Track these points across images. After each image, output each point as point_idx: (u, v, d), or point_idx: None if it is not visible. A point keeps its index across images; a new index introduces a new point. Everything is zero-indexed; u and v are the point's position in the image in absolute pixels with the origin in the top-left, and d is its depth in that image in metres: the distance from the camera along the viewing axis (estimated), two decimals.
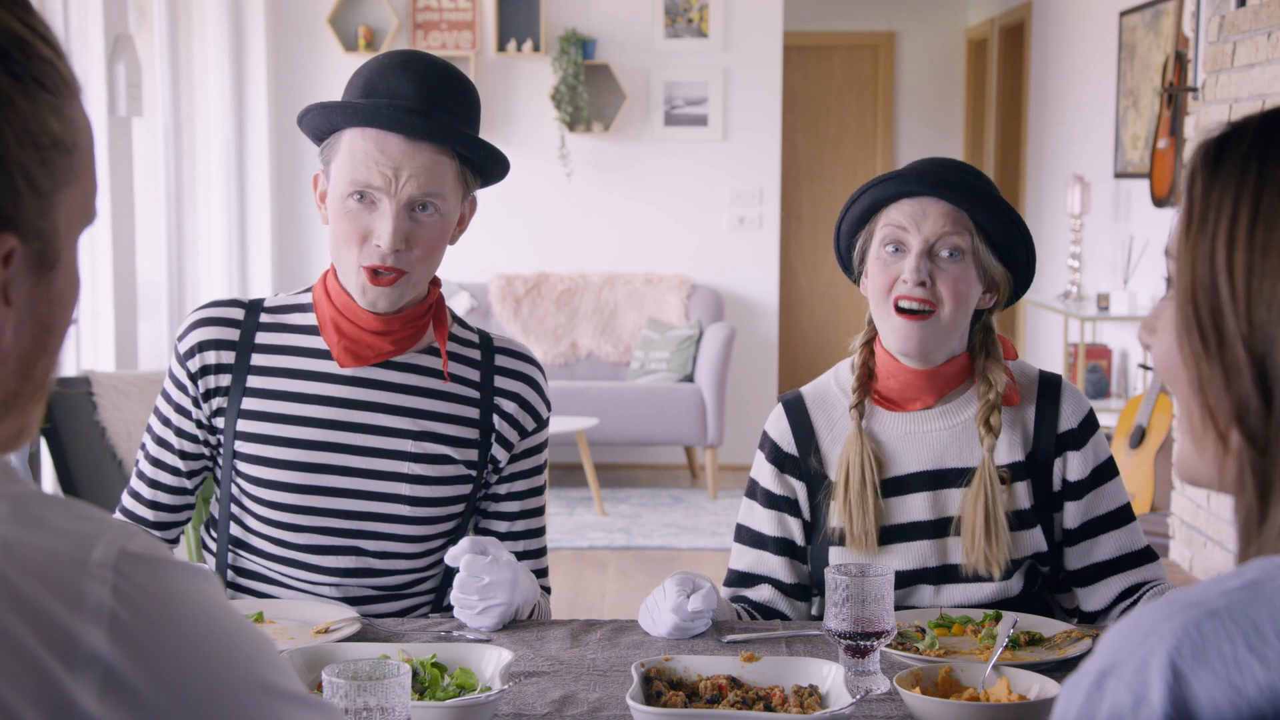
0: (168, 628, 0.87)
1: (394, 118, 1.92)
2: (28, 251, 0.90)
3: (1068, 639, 1.85)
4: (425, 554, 2.09)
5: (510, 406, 2.09)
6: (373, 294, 1.98)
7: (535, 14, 7.17)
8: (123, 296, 5.03)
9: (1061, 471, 2.06)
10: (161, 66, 5.91)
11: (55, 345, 0.95)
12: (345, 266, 1.99)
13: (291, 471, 2.03)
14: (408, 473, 2.04)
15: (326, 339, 2.04)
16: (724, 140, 7.35)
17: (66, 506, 0.89)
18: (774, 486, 2.11)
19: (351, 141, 1.95)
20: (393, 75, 1.96)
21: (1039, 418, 2.07)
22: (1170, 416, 5.05)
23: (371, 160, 1.93)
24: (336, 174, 1.97)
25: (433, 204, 1.96)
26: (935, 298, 2.01)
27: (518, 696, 1.68)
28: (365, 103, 1.94)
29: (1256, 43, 3.92)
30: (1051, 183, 7.71)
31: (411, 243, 1.95)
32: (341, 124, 1.96)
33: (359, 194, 1.94)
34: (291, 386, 2.05)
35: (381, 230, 1.93)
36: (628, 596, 5.23)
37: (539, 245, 7.37)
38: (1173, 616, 0.87)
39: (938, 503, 2.05)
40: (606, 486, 6.95)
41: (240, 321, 2.07)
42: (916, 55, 9.63)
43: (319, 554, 2.06)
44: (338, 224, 1.97)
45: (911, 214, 2.02)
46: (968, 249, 2.02)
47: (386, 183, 1.93)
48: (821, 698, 1.61)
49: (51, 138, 0.90)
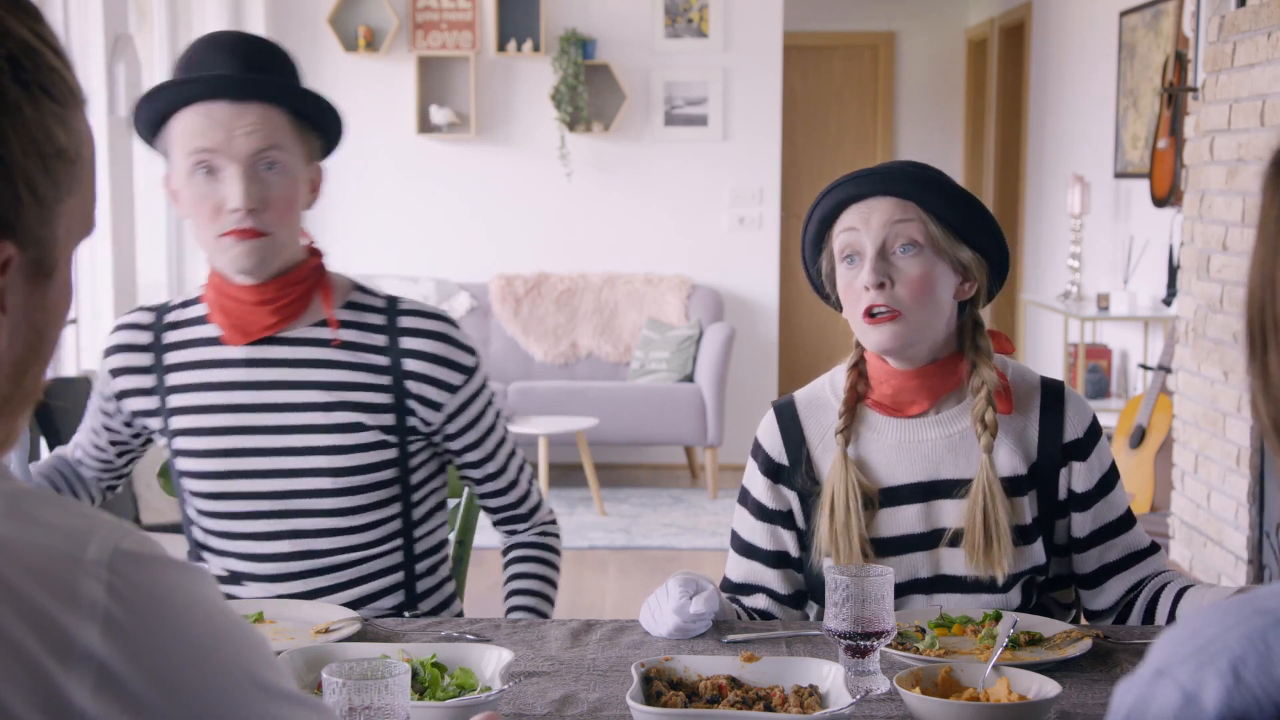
0: (162, 625, 0.87)
1: (215, 86, 1.96)
2: (25, 259, 0.90)
3: (1068, 639, 1.84)
4: (365, 528, 2.09)
5: (422, 366, 2.07)
6: (236, 254, 1.99)
7: (535, 14, 7.17)
8: (123, 297, 5.03)
9: (1067, 482, 2.02)
10: (161, 66, 5.91)
11: (47, 353, 0.95)
12: (207, 242, 2.02)
13: (215, 459, 2.07)
14: (322, 444, 2.05)
15: (214, 321, 2.09)
16: (724, 140, 7.35)
17: (61, 504, 0.89)
18: (767, 499, 2.08)
19: (182, 122, 1.98)
20: (206, 53, 2.00)
21: (1043, 427, 2.02)
22: (1170, 416, 5.05)
23: (203, 129, 1.96)
24: (176, 157, 2.01)
25: (275, 159, 1.98)
26: (897, 299, 1.95)
27: (518, 696, 1.68)
28: (185, 79, 1.98)
29: (1256, 43, 3.92)
30: (1051, 183, 7.71)
31: (264, 203, 1.98)
32: (167, 108, 1.99)
33: (203, 166, 1.97)
34: (199, 378, 2.10)
35: (231, 193, 1.97)
36: (628, 596, 5.23)
37: (539, 245, 7.37)
38: (1240, 623, 0.85)
39: (930, 514, 2.01)
40: (606, 486, 6.94)
41: (149, 325, 2.14)
42: (916, 55, 9.63)
43: (260, 540, 2.08)
44: (190, 204, 2.00)
45: (859, 217, 1.97)
46: (923, 239, 1.96)
47: (222, 145, 1.96)
48: (821, 698, 1.61)
49: (56, 147, 0.90)
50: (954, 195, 1.98)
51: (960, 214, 1.97)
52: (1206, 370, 4.30)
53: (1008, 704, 1.58)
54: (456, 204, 7.25)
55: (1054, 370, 7.26)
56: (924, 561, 2.02)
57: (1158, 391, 5.30)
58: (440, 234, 7.36)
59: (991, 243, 2.00)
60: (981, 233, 1.99)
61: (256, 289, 2.04)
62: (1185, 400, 4.51)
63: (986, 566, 1.97)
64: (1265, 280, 0.92)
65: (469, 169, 7.25)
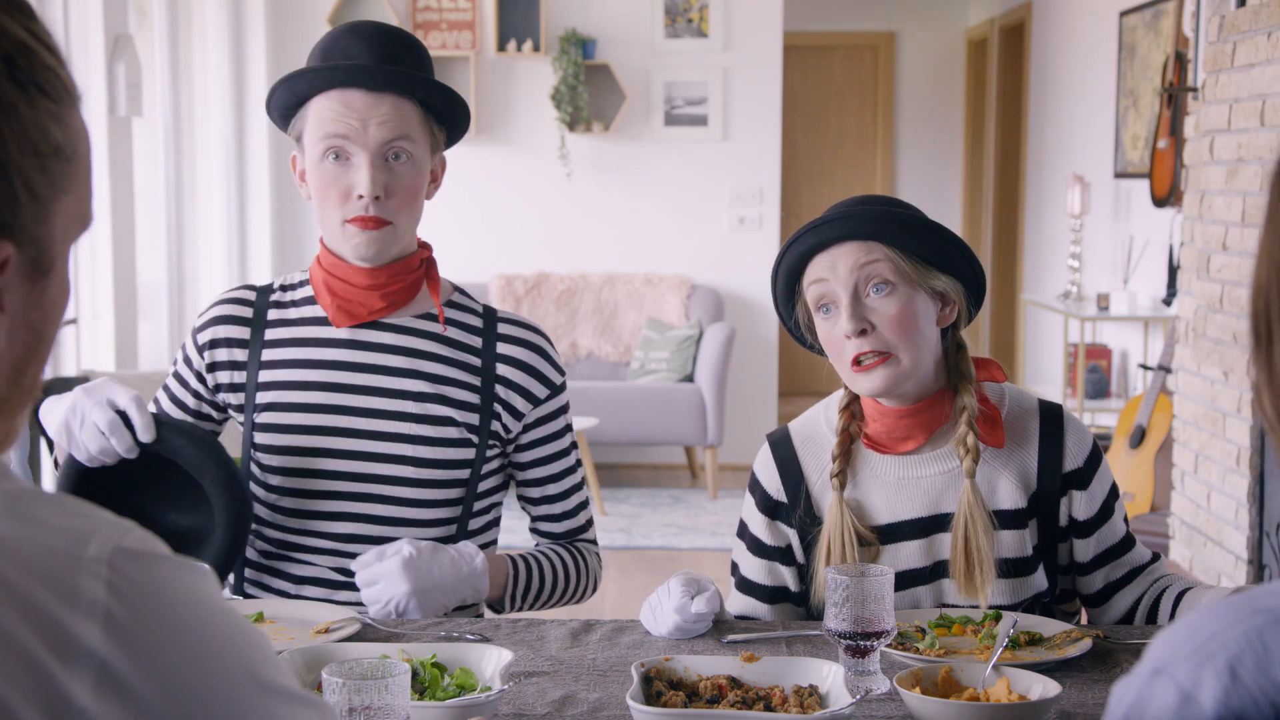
0: (162, 623, 0.87)
1: (353, 75, 2.02)
2: (23, 259, 0.90)
3: (1068, 639, 1.84)
4: (428, 523, 2.10)
5: (515, 374, 2.12)
6: (359, 241, 2.05)
7: (535, 14, 7.17)
8: (123, 296, 5.03)
9: (1068, 510, 2.01)
10: (161, 66, 5.91)
11: (45, 352, 0.95)
12: (331, 226, 2.07)
13: (301, 435, 2.10)
14: (410, 433, 2.08)
15: (321, 302, 2.12)
16: (724, 140, 7.35)
17: (61, 503, 0.89)
18: (765, 535, 2.06)
19: (317, 107, 2.05)
20: (345, 41, 2.06)
21: (1042, 457, 2.00)
22: (1170, 416, 5.05)
23: (338, 115, 2.03)
24: (309, 141, 2.07)
25: (404, 151, 2.04)
26: (883, 341, 1.92)
27: (518, 696, 1.68)
28: (324, 65, 2.04)
29: (1256, 43, 3.92)
30: (1051, 183, 7.71)
31: (390, 191, 2.04)
32: (305, 93, 2.06)
33: (334, 152, 2.03)
34: (297, 354, 2.13)
35: (359, 180, 2.02)
36: (628, 596, 5.23)
37: (539, 245, 7.37)
38: (1238, 622, 0.85)
39: (932, 549, 2.00)
40: (606, 486, 6.95)
41: (253, 302, 2.17)
42: (916, 55, 9.63)
43: (323, 520, 2.10)
44: (318, 188, 2.06)
45: (826, 266, 1.94)
46: (894, 276, 1.93)
47: (356, 133, 2.02)
48: (821, 698, 1.61)
49: (52, 145, 0.90)
50: (916, 225, 1.94)
51: (926, 243, 1.94)
52: (1206, 370, 4.30)
53: (1008, 704, 1.58)
54: (456, 204, 7.26)
55: (1054, 370, 7.27)
56: (927, 595, 2.01)
57: (1158, 391, 5.30)
58: (440, 233, 7.35)
59: (963, 264, 1.97)
60: (950, 257, 1.96)
61: (369, 272, 2.09)
62: (1185, 400, 4.51)
63: (969, 592, 1.95)
64: (1271, 274, 0.92)
65: (469, 169, 7.25)
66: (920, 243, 1.94)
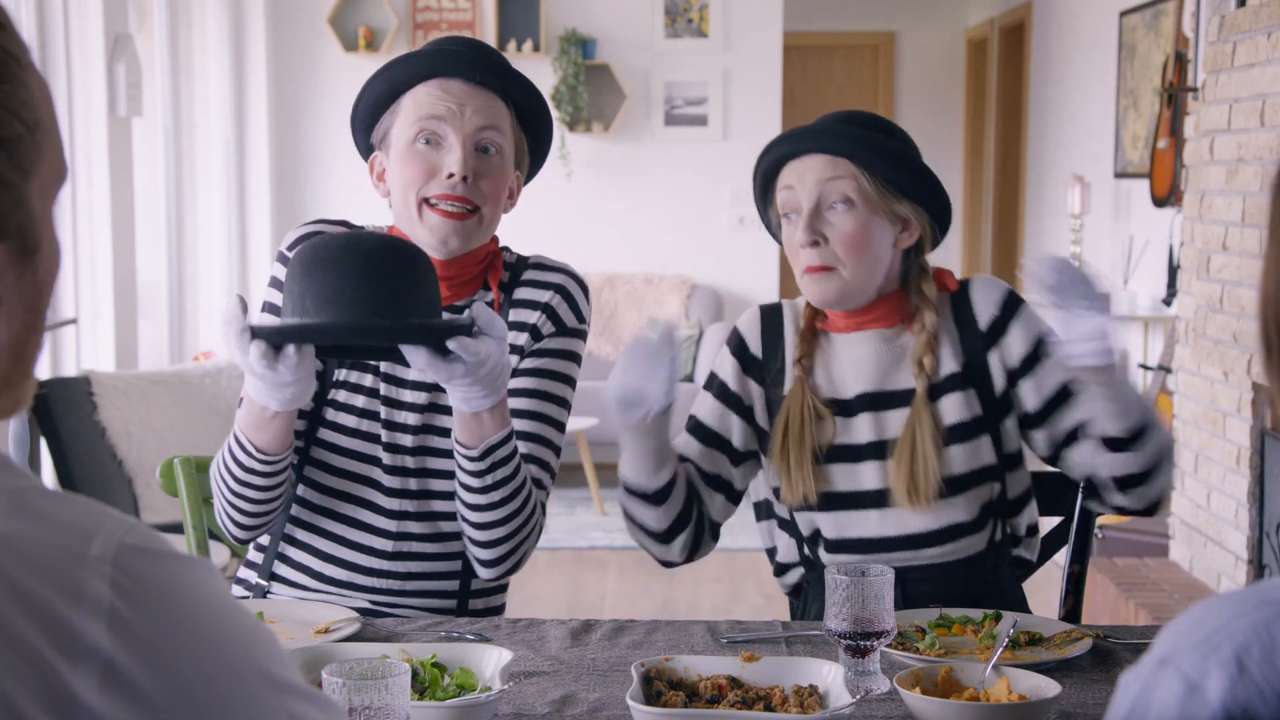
0: (167, 620, 0.86)
1: (455, 63, 2.03)
2: (9, 248, 0.89)
3: (1068, 639, 1.85)
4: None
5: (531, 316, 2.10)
6: (444, 230, 2.02)
7: (535, 14, 7.17)
8: (123, 296, 5.03)
9: (1000, 362, 2.05)
10: (161, 66, 5.91)
11: (43, 321, 0.94)
12: (408, 212, 2.03)
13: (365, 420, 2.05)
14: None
15: None
16: (724, 140, 7.35)
17: (64, 500, 0.88)
18: (732, 382, 2.12)
19: (414, 95, 2.04)
20: (443, 43, 2.07)
21: (959, 322, 2.06)
22: (1170, 417, 5.05)
23: (437, 99, 2.02)
24: (400, 129, 2.04)
25: (495, 144, 2.04)
26: (833, 257, 2.01)
27: (518, 696, 1.68)
28: (425, 52, 2.05)
29: (1256, 43, 3.92)
30: (1051, 183, 7.71)
31: (479, 176, 2.03)
32: (403, 83, 2.05)
33: (426, 136, 2.02)
34: None
35: (451, 160, 2.01)
36: (628, 596, 5.23)
37: (539, 245, 7.33)
38: (1245, 614, 0.85)
39: (879, 424, 2.05)
40: (606, 486, 6.94)
41: None
42: (916, 55, 9.63)
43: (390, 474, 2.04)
44: (401, 170, 2.03)
45: (795, 175, 2.03)
46: (856, 196, 2.00)
47: (453, 115, 2.02)
48: (821, 698, 1.61)
49: (13, 131, 0.88)
50: (886, 151, 2.01)
51: (894, 168, 2.01)
52: (1206, 370, 4.30)
53: (1008, 704, 1.58)
54: None
55: None
56: (875, 472, 2.04)
57: (1158, 391, 5.30)
58: None
59: (927, 194, 2.04)
60: (917, 184, 2.03)
61: (441, 265, 2.06)
62: (1185, 400, 4.51)
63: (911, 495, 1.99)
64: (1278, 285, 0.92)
65: None
66: (889, 167, 2.01)
